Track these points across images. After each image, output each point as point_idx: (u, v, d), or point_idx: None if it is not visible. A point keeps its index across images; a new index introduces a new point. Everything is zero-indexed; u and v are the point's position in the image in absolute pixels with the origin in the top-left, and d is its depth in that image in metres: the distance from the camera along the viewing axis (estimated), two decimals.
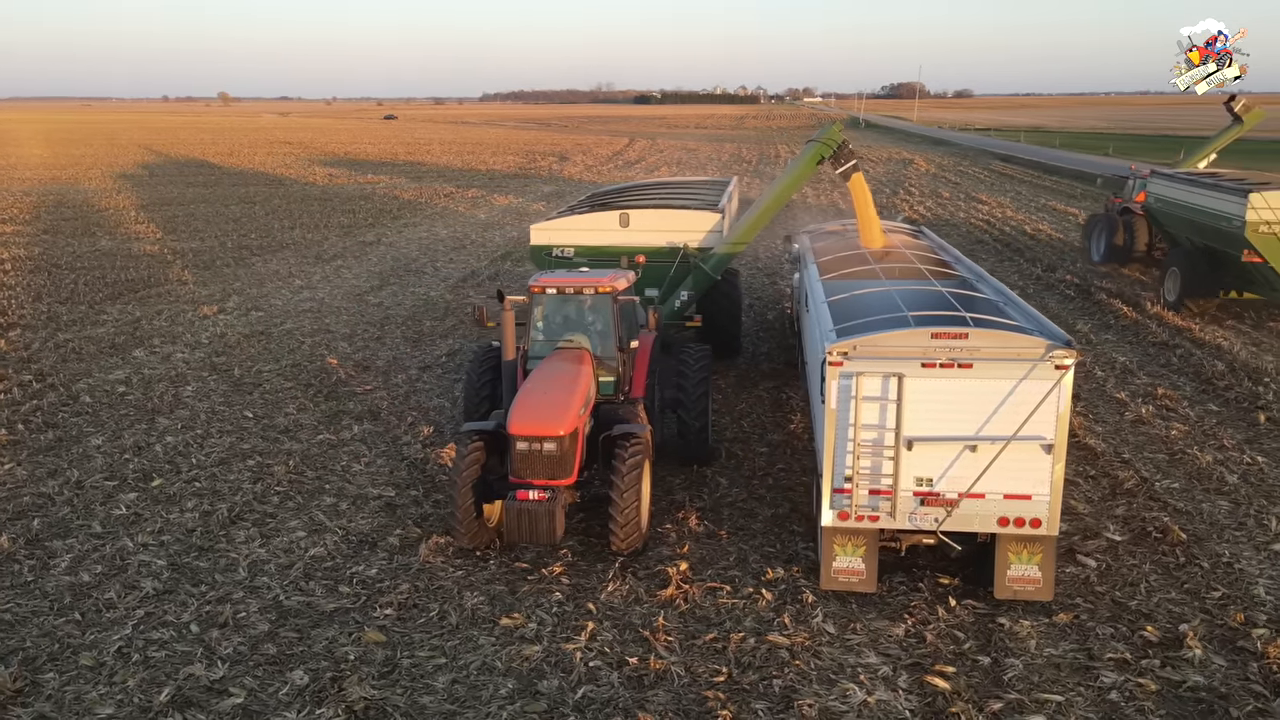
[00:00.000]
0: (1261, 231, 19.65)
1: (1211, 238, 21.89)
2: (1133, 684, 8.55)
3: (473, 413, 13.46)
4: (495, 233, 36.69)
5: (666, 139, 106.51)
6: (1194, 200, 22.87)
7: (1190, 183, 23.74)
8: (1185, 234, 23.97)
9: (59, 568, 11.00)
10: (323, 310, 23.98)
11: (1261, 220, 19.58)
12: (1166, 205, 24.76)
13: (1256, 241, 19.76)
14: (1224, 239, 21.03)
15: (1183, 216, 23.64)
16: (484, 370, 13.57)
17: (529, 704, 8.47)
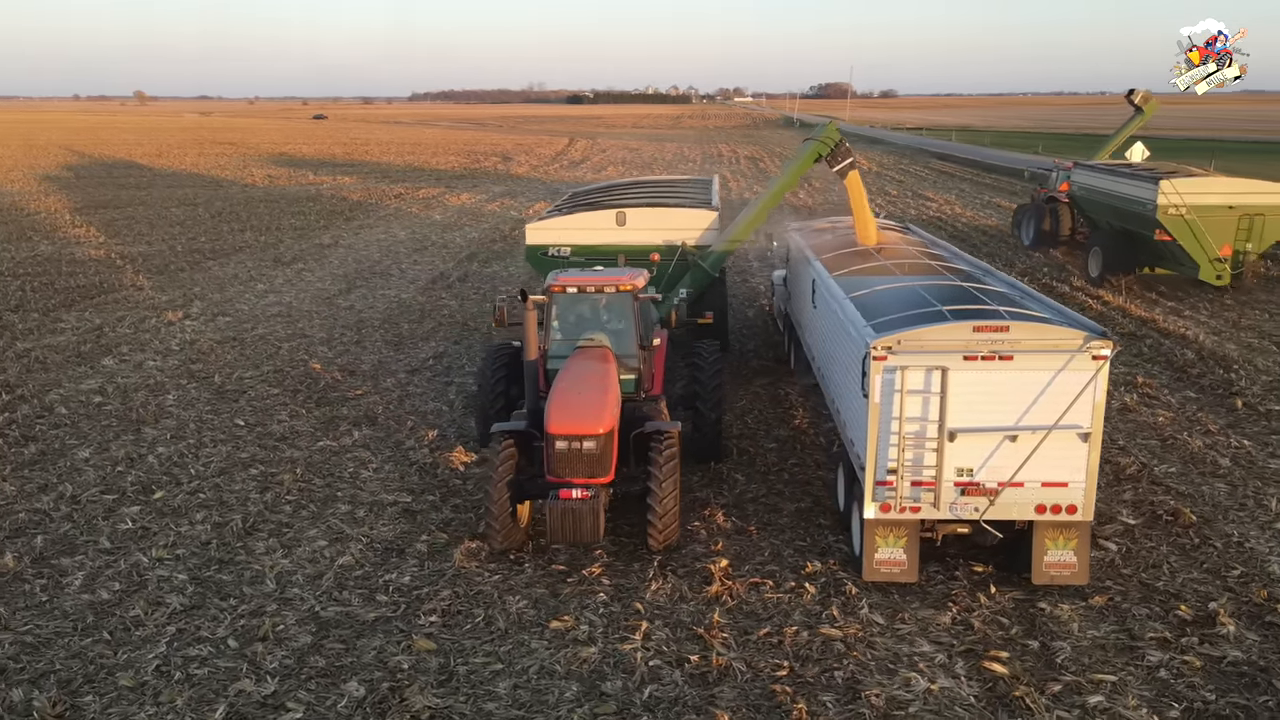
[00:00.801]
0: (1170, 214, 22.53)
1: (1128, 220, 24.73)
2: (1178, 662, 8.89)
3: (488, 413, 13.32)
4: (455, 234, 36.24)
5: (606, 139, 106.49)
6: (1113, 188, 25.87)
7: (1109, 173, 26.90)
8: (1105, 218, 27.04)
9: (73, 586, 10.55)
10: (293, 314, 23.40)
11: (1170, 204, 22.45)
12: (1088, 193, 28.18)
13: (1166, 222, 22.65)
14: (1139, 221, 23.81)
15: (1103, 203, 26.82)
16: (499, 370, 13.43)
17: (598, 706, 8.43)
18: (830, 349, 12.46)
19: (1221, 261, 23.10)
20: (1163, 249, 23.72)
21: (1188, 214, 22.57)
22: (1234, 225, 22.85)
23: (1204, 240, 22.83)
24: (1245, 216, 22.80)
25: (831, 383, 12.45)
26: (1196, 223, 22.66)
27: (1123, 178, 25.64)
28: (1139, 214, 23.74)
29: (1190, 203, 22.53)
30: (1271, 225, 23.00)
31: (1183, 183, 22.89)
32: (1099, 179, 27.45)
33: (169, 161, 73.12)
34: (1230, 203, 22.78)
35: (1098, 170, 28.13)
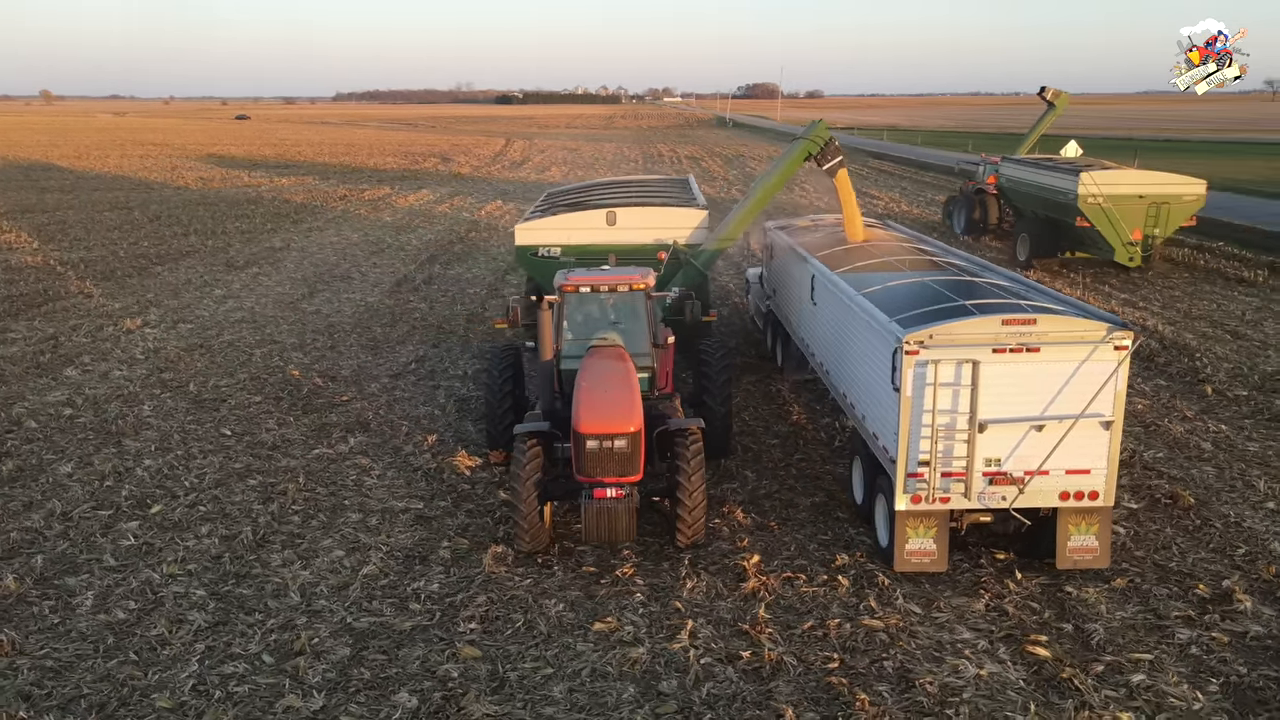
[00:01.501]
0: (1089, 202, 25.23)
1: (1052, 209, 27.47)
2: (1206, 638, 9.27)
3: (496, 414, 13.18)
4: (409, 236, 35.65)
5: (543, 139, 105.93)
6: (1038, 180, 28.62)
7: (1035, 166, 29.74)
8: (1030, 207, 29.89)
9: (84, 606, 10.12)
10: (257, 320, 22.77)
11: (1089, 194, 25.18)
12: (1015, 185, 31.08)
13: (1086, 210, 25.34)
14: (1062, 210, 26.59)
15: (1029, 193, 29.58)
16: (506, 370, 13.29)
17: (659, 706, 8.43)
18: (842, 345, 12.64)
19: (1133, 245, 25.89)
20: (1083, 234, 26.41)
21: (1104, 203, 25.21)
22: (1144, 212, 25.57)
23: (1118, 226, 25.52)
24: (1153, 205, 25.55)
25: (844, 378, 12.62)
26: (1112, 210, 25.30)
27: (1047, 171, 28.42)
28: (1062, 203, 26.44)
29: (1106, 193, 25.19)
30: (1175, 212, 25.84)
31: (1100, 175, 25.64)
32: (1025, 172, 30.04)
33: (90, 163, 70.28)
34: (1140, 192, 25.51)
35: (1024, 164, 31.15)
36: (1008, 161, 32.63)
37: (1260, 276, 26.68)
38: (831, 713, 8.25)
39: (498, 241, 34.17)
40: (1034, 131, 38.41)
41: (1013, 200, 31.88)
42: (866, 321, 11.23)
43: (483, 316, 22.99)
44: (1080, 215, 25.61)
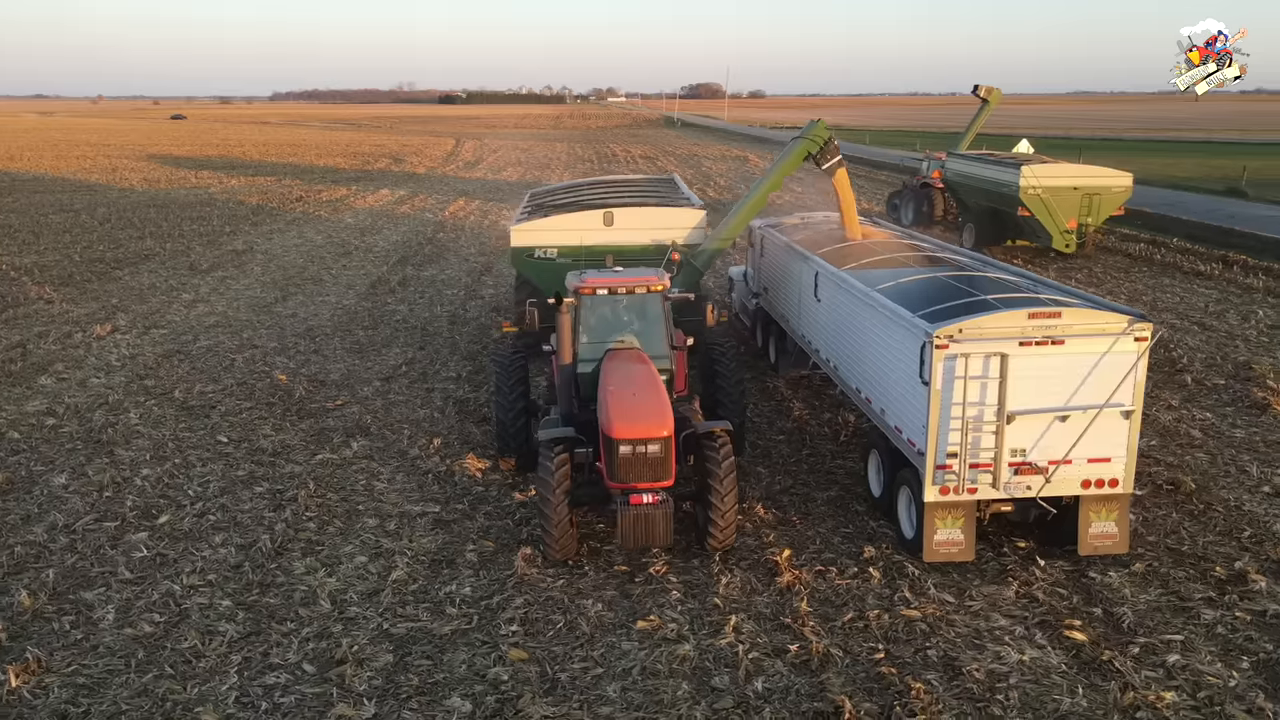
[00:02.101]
0: (1030, 193, 27.40)
1: (996, 200, 29.50)
2: (1230, 618, 9.62)
3: (508, 421, 13.07)
4: (375, 238, 35.13)
5: (493, 139, 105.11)
6: (983, 174, 30.64)
7: (979, 161, 31.84)
8: (975, 199, 31.77)
9: (107, 621, 9.81)
10: (233, 324, 22.25)
11: (1030, 186, 27.34)
12: (961, 179, 32.93)
13: (1027, 201, 27.49)
14: (1005, 201, 28.61)
15: (974, 186, 31.44)
16: (516, 376, 13.20)
17: (715, 701, 8.47)
18: (854, 340, 12.80)
19: (1069, 232, 27.94)
20: (1024, 223, 28.59)
21: (1043, 194, 27.40)
22: (1078, 203, 27.75)
23: (1056, 215, 27.69)
24: (1086, 195, 27.81)
25: (857, 374, 12.79)
26: (1050, 201, 27.49)
27: (990, 165, 30.54)
28: (1005, 194, 28.44)
29: (1045, 184, 27.39)
30: (1106, 202, 28.15)
31: (1039, 168, 27.96)
32: (971, 167, 32.02)
33: (26, 164, 67.89)
34: (1075, 184, 27.76)
35: (969, 159, 32.91)
36: (953, 157, 34.55)
37: (1215, 270, 27.69)
38: (887, 702, 8.38)
39: (466, 242, 33.88)
40: (971, 128, 39.88)
41: (959, 193, 33.66)
42: (887, 317, 11.40)
43: (465, 318, 22.78)
44: (1022, 205, 27.66)
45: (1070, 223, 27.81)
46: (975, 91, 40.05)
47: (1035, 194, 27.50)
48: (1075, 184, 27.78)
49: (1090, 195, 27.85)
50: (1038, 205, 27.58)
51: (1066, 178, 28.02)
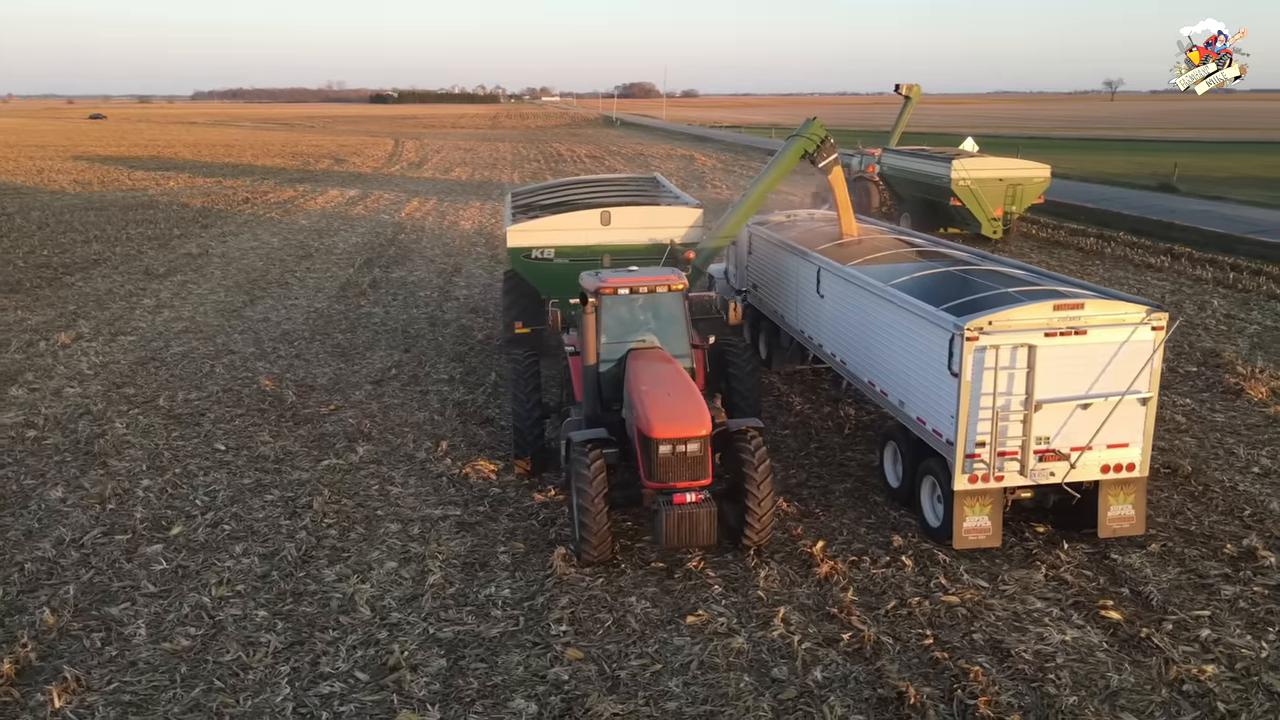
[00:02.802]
0: (960, 185, 29.68)
1: (929, 192, 31.80)
2: (1249, 592, 10.09)
3: (525, 421, 13.00)
4: (334, 239, 34.46)
5: (432, 139, 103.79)
6: (917, 168, 33.00)
7: (913, 156, 34.26)
8: (909, 191, 34.21)
9: (139, 636, 9.51)
10: (204, 330, 21.64)
11: (960, 177, 29.66)
12: (895, 172, 35.38)
13: (958, 191, 29.80)
14: (938, 192, 30.88)
15: (908, 179, 33.73)
16: (531, 379, 13.15)
17: (780, 692, 8.59)
18: (867, 335, 13.02)
19: (996, 220, 30.15)
20: (955, 212, 30.79)
21: (972, 185, 29.75)
22: (1003, 193, 30.10)
23: (984, 204, 30.01)
24: (1010, 186, 30.16)
25: (870, 368, 13.02)
26: (979, 191, 29.85)
27: (924, 159, 33.02)
28: (938, 186, 30.72)
29: (974, 176, 29.79)
30: (1028, 192, 30.57)
31: (968, 162, 30.54)
32: (905, 161, 34.43)
33: None
34: (1000, 176, 30.21)
35: (903, 154, 35.31)
36: (889, 153, 36.96)
37: (1164, 262, 28.86)
38: (946, 685, 8.60)
39: (429, 244, 33.46)
40: (898, 125, 41.39)
41: (893, 186, 35.86)
42: (909, 312, 11.66)
43: (444, 320, 22.52)
44: (954, 196, 29.99)
45: (997, 211, 30.18)
46: (897, 90, 41.83)
47: (965, 185, 29.72)
48: (1000, 176, 30.20)
49: (1013, 186, 30.20)
50: (968, 195, 29.85)
51: (992, 170, 30.44)
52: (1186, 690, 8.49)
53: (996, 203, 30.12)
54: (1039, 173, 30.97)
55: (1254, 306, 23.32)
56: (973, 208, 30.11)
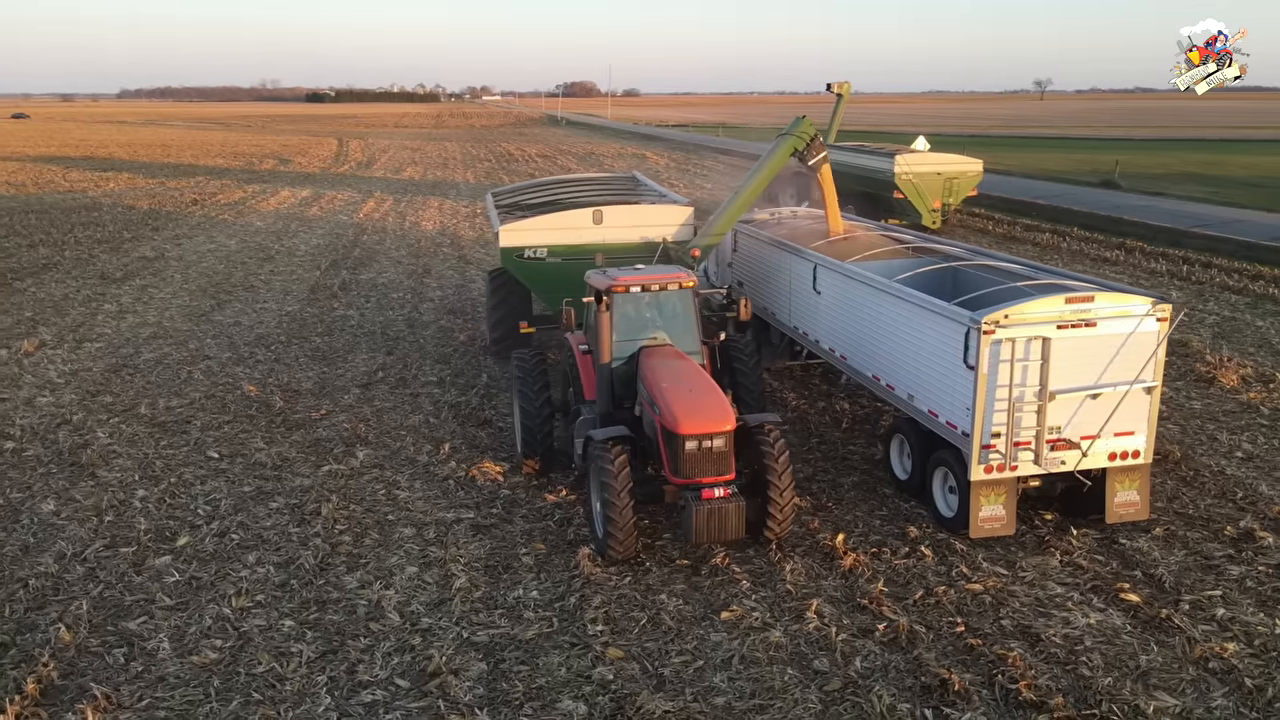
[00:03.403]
0: (903, 178, 31.45)
1: (872, 185, 33.30)
2: (1254, 572, 10.51)
3: (534, 421, 12.93)
4: (294, 241, 33.77)
5: (376, 139, 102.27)
6: (860, 163, 34.50)
7: (856, 152, 35.85)
8: (852, 185, 34.59)
9: (163, 651, 9.24)
10: (174, 335, 21.06)
11: (903, 172, 31.43)
12: (839, 167, 38.36)
13: (901, 185, 31.48)
14: (881, 185, 32.50)
15: (851, 174, 34.09)
16: (539, 378, 13.09)
17: (824, 683, 8.70)
18: (870, 331, 13.21)
19: (936, 211, 32.03)
20: (897, 204, 32.38)
21: (914, 179, 31.52)
22: (941, 186, 32.00)
23: (924, 196, 31.82)
24: (947, 180, 32.12)
25: (874, 362, 13.21)
26: (919, 184, 31.65)
27: (867, 155, 34.96)
28: (881, 180, 32.41)
29: (915, 171, 31.58)
30: (962, 185, 32.56)
31: (910, 157, 32.30)
32: (849, 157, 35.35)
33: None
34: (938, 170, 32.10)
35: (846, 150, 36.37)
36: (831, 149, 36.89)
37: (1119, 256, 29.80)
38: (985, 671, 8.79)
39: (393, 245, 32.99)
40: (833, 122, 41.98)
41: (837, 180, 36.44)
42: (920, 307, 11.87)
43: (422, 322, 22.25)
44: (896, 189, 31.71)
45: (936, 203, 32.12)
46: (829, 88, 43.03)
47: (907, 179, 31.57)
48: (938, 170, 32.18)
49: (950, 179, 32.21)
50: (910, 188, 31.64)
51: (931, 165, 32.35)
52: (1213, 668, 8.81)
53: (935, 195, 32.12)
54: (973, 167, 32.90)
55: (1209, 298, 24.22)
56: (914, 200, 31.80)
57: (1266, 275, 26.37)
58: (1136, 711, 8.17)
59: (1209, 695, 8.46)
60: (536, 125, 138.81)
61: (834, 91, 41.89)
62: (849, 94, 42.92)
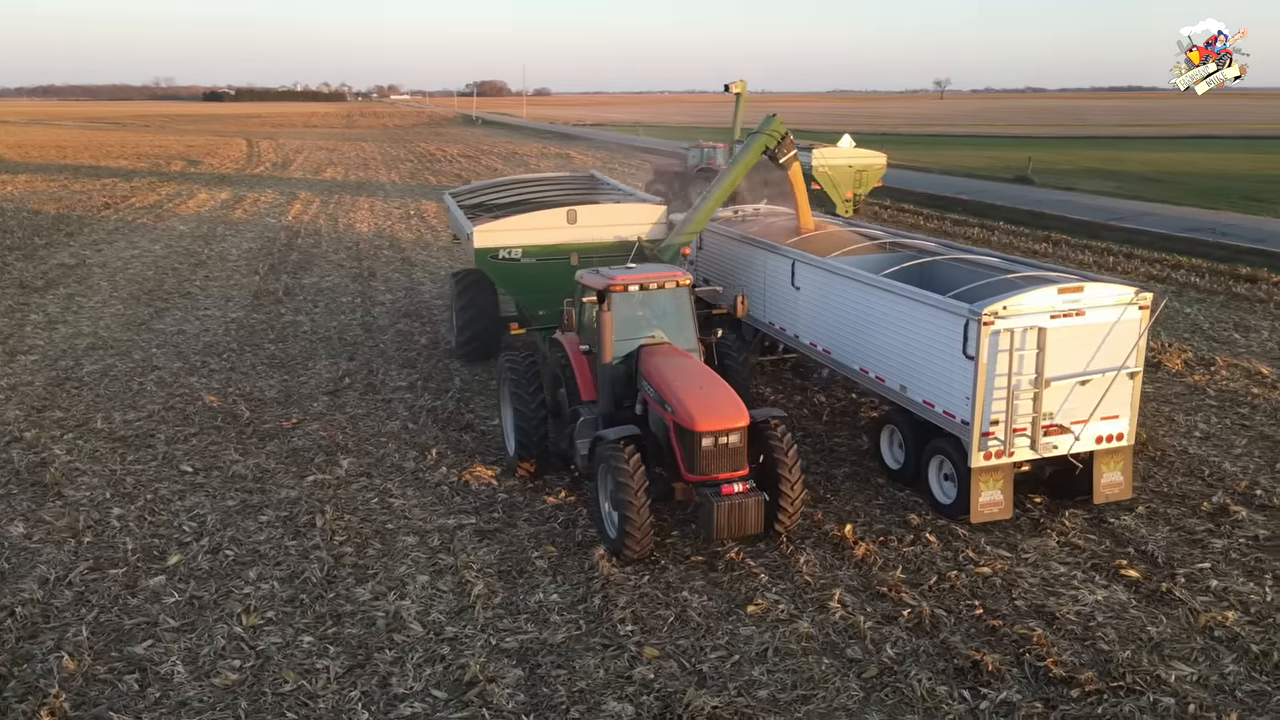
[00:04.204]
0: (820, 171, 32.90)
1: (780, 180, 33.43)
2: (1235, 543, 11.13)
3: (531, 423, 12.79)
4: (223, 245, 32.55)
5: (287, 139, 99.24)
6: None
7: None
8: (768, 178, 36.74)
9: (179, 675, 8.85)
10: (114, 345, 20.09)
11: (820, 165, 32.92)
12: None
13: (818, 177, 32.72)
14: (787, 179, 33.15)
15: None
16: (534, 379, 12.95)
17: (862, 670, 8.87)
18: (858, 325, 13.45)
19: (848, 201, 33.67)
20: (814, 195, 33.04)
21: (829, 171, 33.22)
22: (852, 177, 33.80)
23: (838, 187, 33.55)
24: (857, 172, 33.95)
25: (861, 355, 13.45)
26: (834, 176, 33.39)
27: None
28: None
29: (830, 164, 33.32)
30: (870, 177, 34.48)
31: (825, 151, 34.22)
32: None
33: None
34: (849, 163, 33.91)
35: None
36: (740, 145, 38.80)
37: (1047, 249, 31.10)
38: (1012, 650, 9.09)
39: (330, 247, 32.14)
40: (736, 121, 42.88)
41: None
42: (915, 301, 12.16)
43: (378, 326, 21.74)
44: (814, 181, 32.47)
45: (848, 193, 33.79)
46: (727, 89, 43.52)
47: (824, 171, 33.18)
48: (850, 163, 34.02)
49: (860, 172, 34.03)
50: (826, 180, 33.22)
51: (843, 158, 34.18)
52: (1218, 636, 9.30)
53: (847, 186, 33.89)
54: (878, 161, 35.01)
55: None
56: (829, 190, 33.42)
57: (1185, 265, 27.89)
58: (1158, 681, 8.58)
59: (1220, 663, 8.92)
60: (452, 125, 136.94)
61: (732, 91, 43.90)
62: (745, 92, 45.29)
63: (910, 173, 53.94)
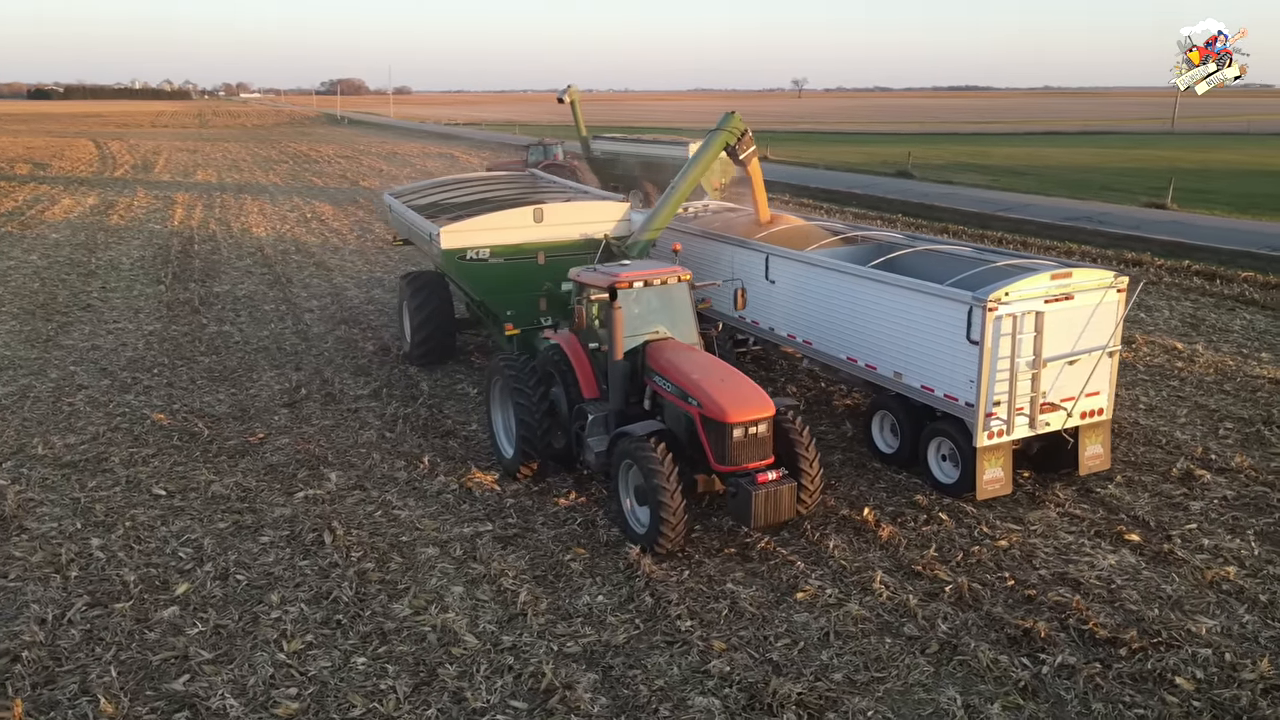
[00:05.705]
0: None
1: (658, 171, 35.41)
2: (1210, 505, 12.09)
3: (535, 423, 12.57)
4: (111, 253, 30.35)
5: (138, 139, 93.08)
6: (643, 151, 38.05)
7: (636, 142, 39.90)
8: (634, 172, 37.71)
9: (235, 709, 8.33)
10: (24, 365, 18.48)
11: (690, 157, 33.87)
12: (614, 156, 39.92)
13: None
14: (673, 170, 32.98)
15: (633, 161, 38.01)
16: (533, 378, 12.75)
17: (925, 647, 9.18)
18: (846, 316, 13.85)
19: (717, 191, 34.09)
20: None
21: None
22: (719, 169, 33.74)
23: (709, 178, 33.92)
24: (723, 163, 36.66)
25: (851, 345, 13.84)
26: None
27: (652, 144, 38.62)
28: (670, 165, 34.15)
29: None
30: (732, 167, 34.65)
31: (695, 144, 33.92)
32: (627, 146, 39.36)
33: None
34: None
35: (622, 141, 40.42)
36: (600, 139, 41.80)
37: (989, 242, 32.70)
38: (1055, 617, 9.61)
39: (232, 253, 30.50)
40: (579, 122, 42.87)
41: (611, 168, 40.01)
42: (912, 290, 12.61)
43: (316, 334, 20.80)
44: None
45: (716, 183, 34.53)
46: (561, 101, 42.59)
47: None
48: None
49: (725, 163, 35.34)
50: None
51: None
52: (1226, 590, 10.11)
53: (716, 177, 34.73)
54: None
55: None
56: (703, 182, 34.10)
57: (1076, 252, 29.89)
58: (1191, 635, 9.27)
59: (1236, 614, 9.71)
60: (318, 124, 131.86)
61: (566, 100, 42.66)
62: (578, 97, 44.18)
63: (798, 168, 55.63)
